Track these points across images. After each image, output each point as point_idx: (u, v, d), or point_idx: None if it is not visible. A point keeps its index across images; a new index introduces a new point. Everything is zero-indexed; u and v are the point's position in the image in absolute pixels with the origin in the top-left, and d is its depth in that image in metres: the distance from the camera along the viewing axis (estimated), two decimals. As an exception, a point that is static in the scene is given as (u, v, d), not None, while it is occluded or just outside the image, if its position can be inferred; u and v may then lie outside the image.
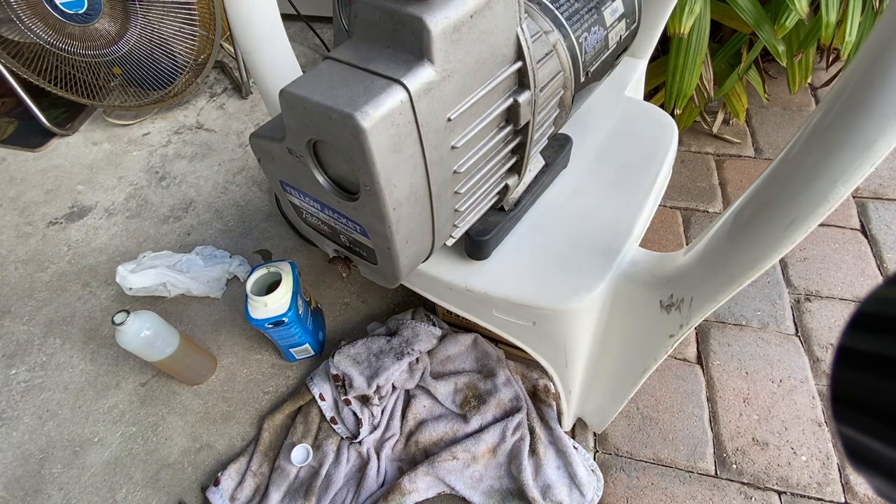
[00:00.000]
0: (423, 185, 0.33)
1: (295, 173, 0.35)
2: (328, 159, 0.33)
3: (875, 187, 1.05)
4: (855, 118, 0.26)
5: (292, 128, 0.31)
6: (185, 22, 1.15)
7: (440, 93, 0.30)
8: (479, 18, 0.30)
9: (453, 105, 0.32)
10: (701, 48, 0.90)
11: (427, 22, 0.28)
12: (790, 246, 0.33)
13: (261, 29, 0.58)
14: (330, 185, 0.33)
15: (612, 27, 0.48)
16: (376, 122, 0.27)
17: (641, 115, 0.66)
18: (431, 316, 0.85)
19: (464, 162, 0.36)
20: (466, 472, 0.70)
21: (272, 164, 0.36)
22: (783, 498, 0.70)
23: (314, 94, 0.28)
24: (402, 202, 0.32)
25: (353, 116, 0.26)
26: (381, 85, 0.28)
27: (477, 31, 0.31)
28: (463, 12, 0.29)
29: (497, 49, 0.33)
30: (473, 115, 0.34)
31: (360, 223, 0.35)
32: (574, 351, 0.56)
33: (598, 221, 0.55)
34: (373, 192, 0.30)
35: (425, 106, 0.30)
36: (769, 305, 0.89)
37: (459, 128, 0.34)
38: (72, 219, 1.12)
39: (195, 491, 0.73)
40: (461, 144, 0.34)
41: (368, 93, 0.27)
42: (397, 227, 0.33)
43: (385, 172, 0.29)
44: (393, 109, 0.28)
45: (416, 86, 0.28)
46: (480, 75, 0.33)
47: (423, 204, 0.35)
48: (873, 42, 0.26)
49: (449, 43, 0.29)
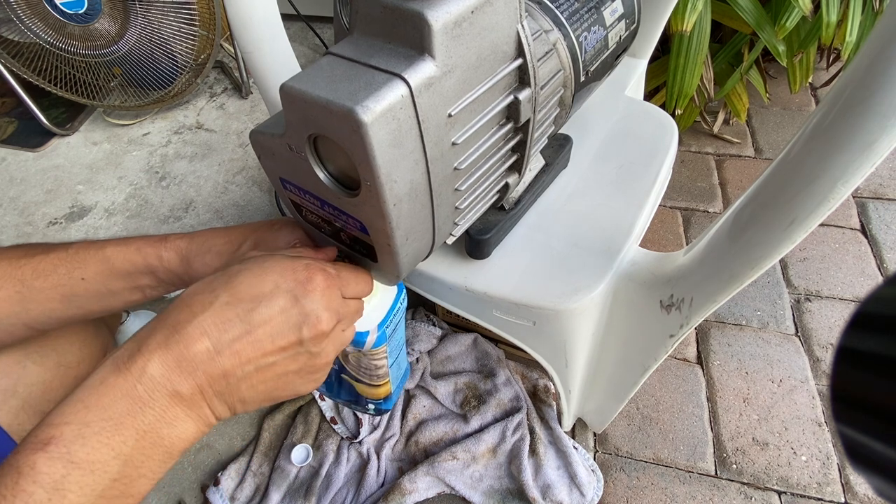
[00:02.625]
0: (423, 181, 0.33)
1: (295, 170, 0.34)
2: (329, 155, 0.33)
3: (875, 187, 1.05)
4: (855, 118, 0.26)
5: (292, 123, 0.31)
6: (185, 22, 1.15)
7: (441, 88, 0.30)
8: (479, 14, 0.30)
9: (454, 101, 0.32)
10: (702, 48, 0.90)
11: (428, 17, 0.28)
12: (790, 246, 0.33)
13: (261, 29, 0.58)
14: (330, 181, 0.33)
15: (611, 27, 0.48)
16: (377, 117, 0.27)
17: (641, 115, 0.66)
18: (431, 316, 0.85)
19: (464, 158, 0.36)
20: (466, 472, 0.70)
21: (272, 161, 0.36)
22: (783, 498, 0.70)
23: (314, 88, 0.28)
24: (402, 198, 0.32)
25: (353, 110, 0.26)
26: (382, 79, 0.28)
27: (478, 27, 0.31)
28: (464, 7, 0.29)
29: (498, 45, 0.33)
30: (474, 112, 0.34)
31: (361, 220, 0.35)
32: (574, 351, 0.56)
33: (598, 221, 0.55)
34: (373, 187, 0.30)
35: (426, 101, 0.29)
36: (769, 305, 0.89)
37: (460, 124, 0.34)
38: (72, 219, 1.12)
39: (195, 491, 0.73)
40: (462, 141, 0.34)
41: (369, 87, 0.27)
42: (398, 223, 0.33)
43: (386, 167, 0.29)
44: (394, 104, 0.28)
45: (417, 80, 0.28)
46: (481, 71, 0.33)
47: (424, 200, 0.34)
48: (873, 42, 0.26)
49: (450, 38, 0.29)
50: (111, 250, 0.42)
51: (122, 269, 0.42)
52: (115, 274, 0.42)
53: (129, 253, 0.42)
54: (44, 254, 0.42)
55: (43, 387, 0.56)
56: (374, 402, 0.54)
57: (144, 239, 0.43)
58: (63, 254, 0.42)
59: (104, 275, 0.42)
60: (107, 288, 0.42)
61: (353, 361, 0.48)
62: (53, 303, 0.42)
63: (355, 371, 0.50)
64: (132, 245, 0.42)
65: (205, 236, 0.44)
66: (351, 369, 0.50)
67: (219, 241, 0.43)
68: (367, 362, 0.47)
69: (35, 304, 0.41)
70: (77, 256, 0.42)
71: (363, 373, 0.49)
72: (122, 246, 0.42)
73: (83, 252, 0.42)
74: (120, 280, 0.42)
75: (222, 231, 0.44)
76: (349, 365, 0.49)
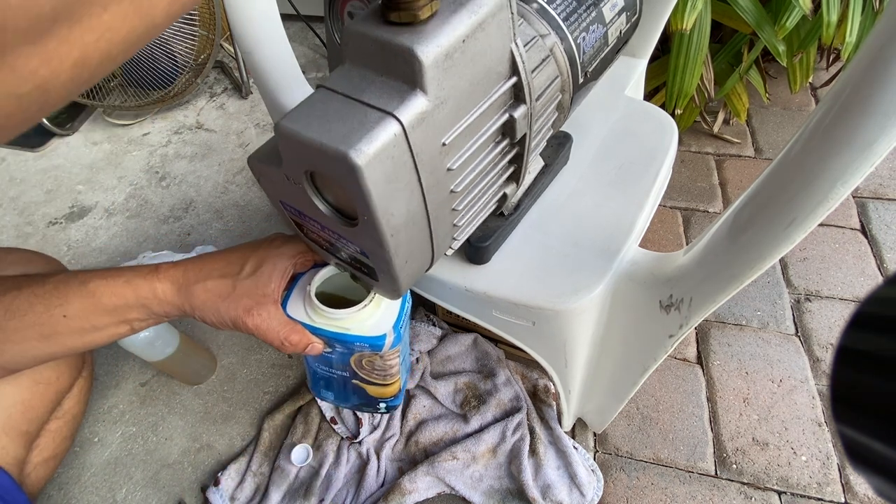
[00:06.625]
0: (420, 209, 0.33)
1: (294, 196, 0.34)
2: (326, 187, 0.33)
3: (875, 187, 1.05)
4: (854, 118, 0.26)
5: (289, 159, 0.31)
6: (185, 22, 1.15)
7: (434, 120, 0.30)
8: (471, 41, 0.30)
9: (448, 130, 0.32)
10: (702, 48, 0.90)
11: (418, 53, 0.27)
12: (790, 246, 0.32)
13: (261, 29, 0.58)
14: (330, 211, 0.33)
15: (611, 23, 0.47)
16: (371, 159, 0.27)
17: (641, 115, 0.66)
18: (431, 316, 0.85)
19: (460, 181, 0.36)
20: (466, 472, 0.70)
21: (271, 186, 0.36)
22: (783, 498, 0.70)
23: (308, 129, 0.28)
24: (400, 228, 0.32)
25: (347, 155, 0.26)
26: (375, 119, 0.28)
27: (470, 55, 0.30)
28: (455, 38, 0.28)
29: (491, 68, 0.33)
30: (468, 136, 0.34)
31: (360, 247, 0.35)
32: (573, 351, 0.56)
33: (597, 221, 0.54)
34: (370, 221, 0.30)
35: (419, 135, 0.29)
36: (769, 305, 0.89)
37: (454, 149, 0.33)
38: (72, 219, 1.12)
39: (195, 491, 0.73)
40: (457, 166, 0.34)
41: (362, 128, 0.27)
42: (396, 251, 0.33)
43: (382, 204, 0.29)
44: (387, 143, 0.27)
45: (409, 117, 0.28)
46: (475, 96, 0.33)
47: (422, 225, 0.34)
48: (873, 42, 0.26)
49: (441, 71, 0.29)
50: (96, 284, 0.39)
51: (109, 303, 0.39)
52: (101, 309, 0.39)
53: (117, 286, 0.39)
54: (16, 290, 0.39)
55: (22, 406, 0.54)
56: (385, 400, 0.54)
57: (133, 270, 0.40)
58: (39, 289, 0.39)
59: (88, 310, 0.39)
60: (91, 324, 0.40)
61: (366, 366, 0.48)
62: (31, 342, 0.39)
63: (368, 374, 0.49)
64: (120, 278, 0.40)
65: (201, 262, 0.42)
66: (364, 374, 0.49)
67: (219, 265, 0.42)
68: (381, 363, 0.47)
69: (10, 345, 0.39)
70: (56, 292, 0.39)
71: (376, 374, 0.49)
72: (109, 279, 0.40)
73: (63, 287, 0.39)
74: (106, 315, 0.40)
75: (220, 255, 0.43)
76: (363, 370, 0.48)
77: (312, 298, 0.42)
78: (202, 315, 0.41)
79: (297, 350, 0.42)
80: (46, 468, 0.63)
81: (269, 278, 0.41)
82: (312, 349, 0.43)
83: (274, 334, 0.41)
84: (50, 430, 0.63)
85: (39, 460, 0.61)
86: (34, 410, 0.56)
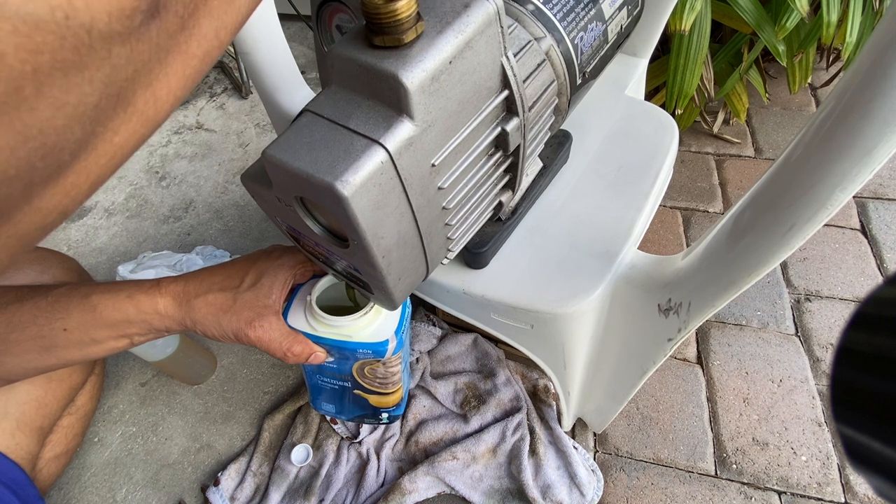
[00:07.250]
0: (411, 229, 0.33)
1: (288, 216, 0.34)
2: (317, 210, 0.33)
3: (875, 187, 1.05)
4: (854, 124, 0.26)
5: (278, 184, 0.31)
6: (185, 22, 1.15)
7: (422, 144, 0.29)
8: (459, 61, 0.29)
9: (437, 151, 0.31)
10: (702, 48, 0.90)
11: (403, 79, 0.26)
12: (789, 252, 0.32)
13: (259, 29, 0.58)
14: (322, 232, 0.33)
15: (611, 19, 0.45)
16: (357, 189, 0.27)
17: (642, 115, 0.65)
18: (431, 316, 0.85)
19: (452, 197, 0.35)
20: (466, 472, 0.70)
21: (266, 204, 0.36)
22: (783, 498, 0.70)
23: (295, 158, 0.28)
24: (391, 249, 0.32)
25: (333, 186, 0.26)
26: (361, 146, 0.27)
27: (458, 75, 0.29)
28: (441, 60, 0.28)
29: (481, 85, 0.32)
30: (459, 154, 0.33)
31: (354, 265, 0.35)
32: (572, 353, 0.56)
33: (596, 224, 0.54)
34: (360, 246, 0.30)
35: (407, 160, 0.29)
36: (769, 305, 0.89)
37: (445, 168, 0.33)
38: (72, 218, 1.12)
39: (195, 491, 0.73)
40: (448, 184, 0.33)
41: (348, 156, 0.27)
42: (388, 270, 0.33)
43: (371, 229, 0.29)
44: (374, 172, 0.27)
45: (395, 144, 0.28)
46: (464, 115, 0.32)
47: (414, 243, 0.34)
48: (872, 47, 0.25)
49: (427, 95, 0.28)
50: (98, 298, 0.39)
51: (109, 318, 0.39)
52: (102, 323, 0.39)
53: (118, 301, 0.39)
54: (18, 302, 0.39)
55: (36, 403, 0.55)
56: (387, 410, 0.54)
57: (136, 285, 0.41)
58: (42, 301, 0.39)
59: (89, 324, 0.39)
60: (90, 337, 0.40)
61: (369, 374, 0.48)
62: (31, 354, 0.39)
63: (370, 384, 0.49)
64: (122, 292, 0.40)
65: (202, 276, 0.42)
66: (366, 383, 0.49)
67: (219, 278, 0.42)
68: (383, 371, 0.47)
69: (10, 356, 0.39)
70: (58, 305, 0.39)
71: (378, 383, 0.49)
72: (111, 293, 0.40)
73: (65, 300, 0.39)
74: (106, 329, 0.40)
75: (220, 268, 0.43)
76: (365, 379, 0.48)
77: (313, 307, 0.43)
78: (203, 329, 0.41)
79: (300, 360, 0.43)
80: (58, 464, 0.64)
81: (270, 290, 0.41)
82: (315, 358, 0.43)
83: (276, 345, 0.41)
84: (62, 426, 0.63)
85: (51, 456, 0.61)
86: (48, 406, 0.56)
